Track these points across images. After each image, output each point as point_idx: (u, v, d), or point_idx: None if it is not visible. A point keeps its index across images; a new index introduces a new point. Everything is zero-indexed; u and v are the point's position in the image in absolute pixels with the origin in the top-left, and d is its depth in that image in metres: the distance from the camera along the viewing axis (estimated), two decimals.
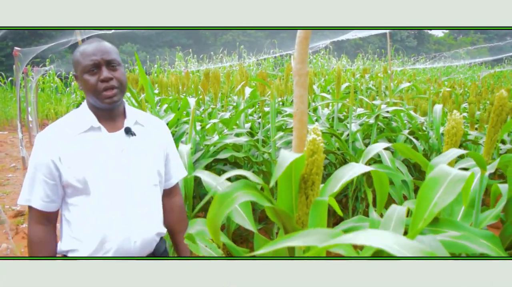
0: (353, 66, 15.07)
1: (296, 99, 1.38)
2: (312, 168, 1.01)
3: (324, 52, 16.20)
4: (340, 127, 3.44)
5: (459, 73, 18.67)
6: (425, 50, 34.35)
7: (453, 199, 1.67)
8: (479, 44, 36.49)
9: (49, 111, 14.38)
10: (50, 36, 19.00)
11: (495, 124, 1.39)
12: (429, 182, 0.93)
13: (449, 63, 20.71)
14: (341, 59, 16.80)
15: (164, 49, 30.75)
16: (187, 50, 17.34)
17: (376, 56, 19.19)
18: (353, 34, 11.15)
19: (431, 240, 0.95)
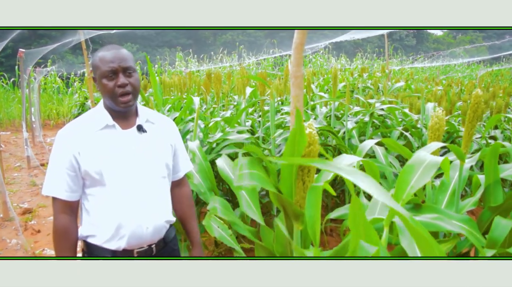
0: (352, 65, 15.23)
1: (293, 98, 1.54)
2: (308, 157, 1.17)
3: (324, 52, 16.36)
4: (337, 125, 3.60)
5: (457, 72, 18.82)
6: (424, 49, 34.50)
7: (438, 188, 1.84)
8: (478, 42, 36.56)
9: (51, 111, 14.54)
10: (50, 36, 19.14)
11: (472, 120, 1.55)
12: (407, 168, 1.09)
13: (447, 62, 20.86)
14: (340, 58, 16.96)
15: (164, 49, 30.86)
16: (187, 50, 17.50)
17: (375, 55, 19.36)
18: (351, 36, 11.28)
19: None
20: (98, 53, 1.66)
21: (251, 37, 36.93)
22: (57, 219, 1.66)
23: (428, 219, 1.22)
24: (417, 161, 1.10)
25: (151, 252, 1.70)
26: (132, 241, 1.64)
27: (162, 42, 37.33)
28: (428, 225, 1.19)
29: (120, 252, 1.64)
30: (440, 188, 1.80)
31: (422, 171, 1.07)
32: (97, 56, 1.65)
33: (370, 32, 12.09)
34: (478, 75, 14.85)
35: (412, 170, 1.08)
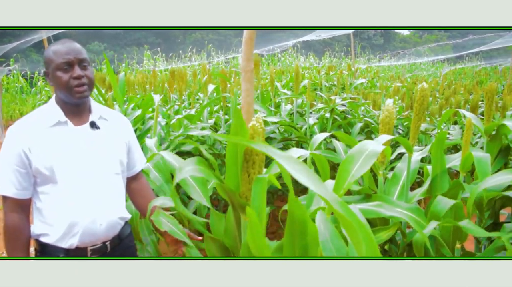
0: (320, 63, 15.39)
1: (243, 92, 1.55)
2: (252, 149, 1.18)
3: (292, 50, 16.48)
4: (300, 121, 3.64)
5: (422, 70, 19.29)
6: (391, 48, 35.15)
7: (390, 180, 1.89)
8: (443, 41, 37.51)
9: (14, 111, 14.11)
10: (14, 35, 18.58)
11: (418, 113, 1.59)
12: (349, 157, 1.11)
13: (413, 60, 21.35)
14: (308, 57, 17.11)
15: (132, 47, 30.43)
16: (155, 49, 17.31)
17: (343, 54, 19.62)
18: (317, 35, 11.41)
19: (352, 208, 1.13)
20: (51, 47, 1.64)
21: (221, 36, 36.85)
22: (7, 218, 1.63)
23: (369, 206, 1.25)
24: (358, 151, 1.12)
25: (106, 249, 1.68)
26: (85, 239, 1.62)
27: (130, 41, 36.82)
28: (368, 212, 1.22)
29: (73, 250, 1.62)
30: (392, 180, 1.84)
31: (363, 161, 1.09)
32: (50, 50, 1.63)
33: (338, 31, 12.24)
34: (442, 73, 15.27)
35: (353, 160, 1.10)
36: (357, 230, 0.71)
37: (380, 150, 1.12)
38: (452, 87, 8.44)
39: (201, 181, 1.41)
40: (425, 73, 17.56)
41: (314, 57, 17.20)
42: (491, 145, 2.07)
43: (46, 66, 1.64)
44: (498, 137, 2.08)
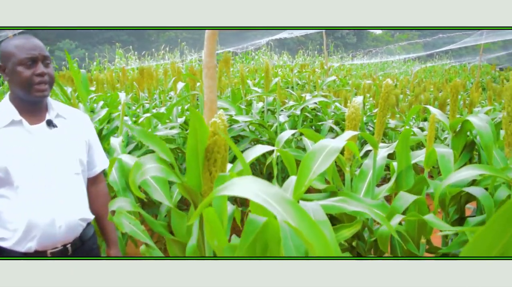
0: (294, 62, 15.45)
1: (206, 89, 1.52)
2: (213, 147, 1.15)
3: (266, 49, 16.49)
4: (270, 119, 3.62)
5: (394, 68, 19.59)
6: (363, 47, 35.58)
7: (357, 177, 1.88)
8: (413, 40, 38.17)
9: None
10: None
11: (383, 109, 1.59)
12: (310, 154, 1.10)
13: (385, 59, 21.65)
14: (282, 55, 17.15)
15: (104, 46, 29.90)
16: (127, 47, 17.03)
17: (317, 52, 19.73)
18: (289, 32, 11.44)
19: (313, 205, 1.12)
20: (12, 41, 1.57)
21: (195, 34, 36.56)
22: None
23: (332, 202, 1.24)
24: (319, 148, 1.11)
25: (67, 252, 1.62)
26: (44, 242, 1.55)
27: (102, 39, 36.17)
28: (331, 208, 1.21)
29: (31, 254, 1.55)
30: (359, 177, 1.84)
31: (324, 157, 1.08)
32: (10, 44, 1.56)
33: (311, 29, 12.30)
34: (413, 71, 15.52)
35: (314, 157, 1.09)
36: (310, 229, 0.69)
37: (341, 146, 1.11)
38: (422, 85, 8.60)
39: (163, 181, 1.38)
40: (397, 71, 17.84)
41: (288, 56, 17.24)
42: (456, 141, 2.09)
43: (3, 60, 1.57)
44: (463, 133, 2.10)
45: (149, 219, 1.30)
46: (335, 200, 1.23)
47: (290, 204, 0.72)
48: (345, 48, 25.16)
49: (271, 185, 0.75)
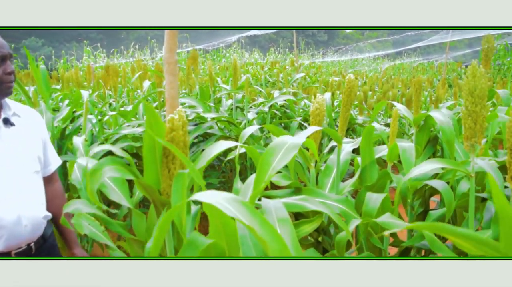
0: (265, 59, 15.45)
1: (167, 85, 1.48)
2: (171, 143, 1.12)
3: (237, 46, 16.44)
4: (239, 116, 3.60)
5: (364, 66, 19.86)
6: (334, 44, 35.95)
7: (323, 172, 1.88)
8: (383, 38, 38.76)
9: None
10: None
11: (346, 104, 1.59)
12: (269, 150, 1.09)
13: (355, 56, 21.92)
14: (253, 52, 17.13)
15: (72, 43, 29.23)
16: (95, 44, 16.65)
17: (288, 50, 19.80)
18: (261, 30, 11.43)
19: (276, 203, 1.10)
20: None
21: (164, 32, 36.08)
22: None
23: (294, 200, 1.23)
24: (279, 144, 1.10)
25: (30, 251, 1.58)
26: (10, 242, 1.51)
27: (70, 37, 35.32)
28: (293, 206, 1.20)
29: None
30: (324, 172, 1.84)
31: (284, 153, 1.07)
32: None
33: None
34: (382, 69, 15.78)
35: (273, 152, 1.08)
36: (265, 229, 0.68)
37: (301, 142, 1.10)
38: (390, 82, 8.74)
39: (120, 181, 1.34)
40: (367, 68, 18.08)
41: (259, 53, 17.24)
42: (420, 136, 2.12)
43: None
44: (426, 128, 2.13)
45: (106, 219, 1.27)
46: (297, 199, 1.23)
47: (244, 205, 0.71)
48: (316, 45, 25.35)
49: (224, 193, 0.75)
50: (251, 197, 1.01)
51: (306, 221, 1.27)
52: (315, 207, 1.19)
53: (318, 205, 1.20)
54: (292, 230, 0.96)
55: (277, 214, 1.02)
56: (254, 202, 1.03)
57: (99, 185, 1.27)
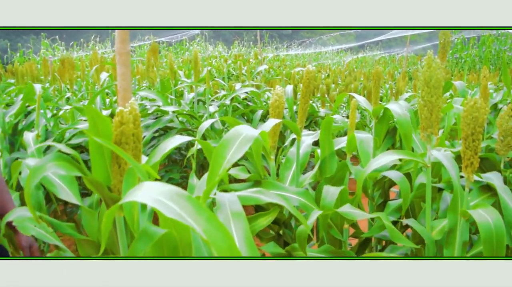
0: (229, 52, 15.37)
1: (119, 77, 1.42)
2: (121, 138, 1.07)
3: (201, 39, 16.26)
4: (201, 109, 3.54)
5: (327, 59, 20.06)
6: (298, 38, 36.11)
7: (283, 165, 1.86)
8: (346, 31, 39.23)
9: None
10: None
11: (305, 95, 1.57)
12: (223, 142, 1.05)
13: (319, 49, 22.11)
14: (217, 46, 17.00)
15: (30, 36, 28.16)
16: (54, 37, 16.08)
17: (252, 43, 19.74)
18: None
19: (230, 196, 1.07)
20: None
21: None
22: None
23: (249, 193, 1.20)
24: (233, 136, 1.07)
25: None
26: None
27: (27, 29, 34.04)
28: (248, 199, 1.18)
29: None
30: (285, 165, 1.82)
31: (238, 145, 1.04)
32: None
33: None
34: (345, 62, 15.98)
35: (228, 145, 1.05)
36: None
37: (256, 133, 1.07)
38: (353, 75, 8.85)
39: (69, 179, 1.28)
40: (330, 61, 18.26)
41: (223, 46, 17.12)
42: (379, 127, 2.13)
43: None
44: (385, 119, 2.14)
45: (53, 221, 1.20)
46: (252, 191, 1.20)
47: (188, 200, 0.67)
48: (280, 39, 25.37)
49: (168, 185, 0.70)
50: (204, 192, 0.98)
51: (262, 214, 1.25)
52: (271, 200, 1.17)
53: (274, 197, 1.18)
54: (246, 224, 0.93)
55: (231, 208, 0.99)
56: (208, 196, 0.99)
57: (48, 184, 1.21)
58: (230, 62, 8.10)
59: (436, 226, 1.45)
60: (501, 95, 3.93)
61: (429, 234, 1.40)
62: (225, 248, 0.66)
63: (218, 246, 0.65)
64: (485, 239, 1.20)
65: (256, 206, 1.54)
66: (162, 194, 0.68)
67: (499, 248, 1.22)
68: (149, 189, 0.70)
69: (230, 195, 1.07)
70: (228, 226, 0.96)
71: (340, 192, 1.43)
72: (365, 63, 18.26)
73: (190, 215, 0.66)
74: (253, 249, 0.90)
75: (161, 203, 0.66)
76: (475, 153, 1.26)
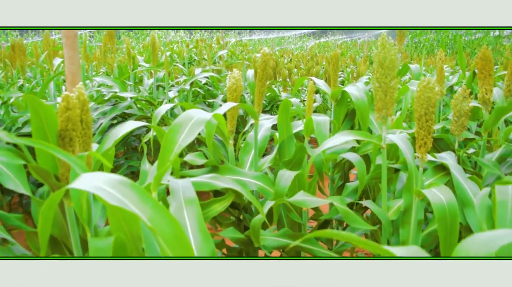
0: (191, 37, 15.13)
1: (66, 61, 1.36)
2: (67, 124, 1.02)
3: None
4: (161, 95, 3.47)
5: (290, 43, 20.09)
6: None
7: (243, 149, 1.84)
8: None
9: None
10: None
11: (262, 78, 1.55)
12: (174, 127, 1.02)
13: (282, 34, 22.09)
14: (179, 31, 16.70)
15: None
16: None
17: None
18: None
19: (184, 182, 1.05)
20: None
21: None
22: None
23: (204, 179, 1.18)
24: (184, 120, 1.04)
25: None
26: None
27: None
28: (202, 185, 1.16)
29: None
30: (244, 149, 1.81)
31: (189, 129, 1.01)
32: None
33: None
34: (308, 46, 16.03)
35: (179, 129, 1.01)
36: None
37: (208, 117, 1.04)
38: (315, 59, 8.89)
39: (17, 167, 1.22)
40: (293, 46, 18.29)
41: (185, 31, 16.83)
42: (338, 109, 2.15)
43: None
44: (344, 102, 2.16)
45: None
46: (207, 177, 1.18)
47: (132, 188, 0.64)
48: None
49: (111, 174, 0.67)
50: (155, 178, 0.95)
51: (217, 199, 1.23)
52: (226, 185, 1.15)
53: (229, 182, 1.16)
54: (199, 210, 0.91)
55: (185, 194, 0.97)
56: (159, 183, 0.96)
57: None
58: (192, 47, 7.96)
59: (392, 206, 1.47)
60: (457, 77, 4.03)
61: (386, 215, 1.42)
62: (172, 236, 0.63)
63: (164, 234, 0.63)
64: (439, 218, 1.22)
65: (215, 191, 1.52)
66: (105, 182, 0.65)
67: (452, 226, 1.24)
68: (92, 177, 0.67)
69: (184, 181, 1.04)
70: (181, 213, 0.93)
71: (298, 175, 1.42)
72: (328, 47, 18.37)
73: (134, 203, 0.63)
74: (206, 236, 0.88)
75: (103, 190, 0.63)
76: (428, 133, 1.27)
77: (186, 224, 0.90)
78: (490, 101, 1.98)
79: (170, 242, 0.63)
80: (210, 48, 7.87)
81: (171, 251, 0.63)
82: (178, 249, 0.63)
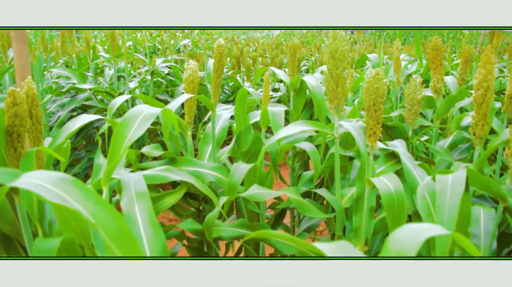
0: None
1: (15, 54, 1.32)
2: (14, 120, 1.01)
3: None
4: (122, 86, 3.42)
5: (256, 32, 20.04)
6: None
7: (202, 140, 1.85)
8: None
9: None
10: None
11: (217, 69, 1.56)
12: (124, 121, 1.02)
13: None
14: None
15: None
16: None
17: None
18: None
19: (136, 175, 1.05)
20: None
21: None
22: None
23: (156, 171, 1.19)
24: (134, 114, 1.04)
25: None
26: None
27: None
28: (154, 178, 1.16)
29: None
30: (203, 140, 1.81)
31: (139, 123, 1.01)
32: None
33: None
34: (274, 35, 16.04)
35: (129, 123, 1.02)
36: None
37: (158, 111, 1.05)
38: (280, 48, 8.91)
39: None
40: (259, 35, 18.26)
41: None
42: (296, 99, 2.17)
43: None
44: (302, 92, 2.19)
45: None
46: (160, 169, 1.18)
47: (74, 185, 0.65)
48: None
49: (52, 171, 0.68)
50: (105, 173, 0.95)
51: (168, 192, 1.24)
52: (178, 177, 1.16)
53: (182, 175, 1.17)
54: (150, 204, 0.92)
55: (136, 188, 0.97)
56: (109, 177, 0.96)
57: None
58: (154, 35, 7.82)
59: (346, 194, 1.52)
60: (415, 66, 4.14)
61: (339, 202, 1.46)
62: (116, 231, 0.64)
63: (107, 229, 0.64)
64: (387, 206, 1.26)
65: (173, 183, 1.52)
66: (45, 180, 0.65)
67: (400, 213, 1.29)
68: (32, 175, 0.67)
69: (135, 174, 1.05)
70: (132, 206, 0.94)
71: (254, 167, 1.44)
72: (294, 36, 18.43)
73: (77, 200, 0.64)
74: (157, 229, 0.89)
75: (43, 188, 0.63)
76: (377, 123, 1.31)
77: (137, 218, 0.91)
78: (442, 90, 2.05)
79: (114, 238, 0.64)
80: (174, 37, 7.78)
81: (115, 246, 0.64)
82: (123, 244, 0.64)
